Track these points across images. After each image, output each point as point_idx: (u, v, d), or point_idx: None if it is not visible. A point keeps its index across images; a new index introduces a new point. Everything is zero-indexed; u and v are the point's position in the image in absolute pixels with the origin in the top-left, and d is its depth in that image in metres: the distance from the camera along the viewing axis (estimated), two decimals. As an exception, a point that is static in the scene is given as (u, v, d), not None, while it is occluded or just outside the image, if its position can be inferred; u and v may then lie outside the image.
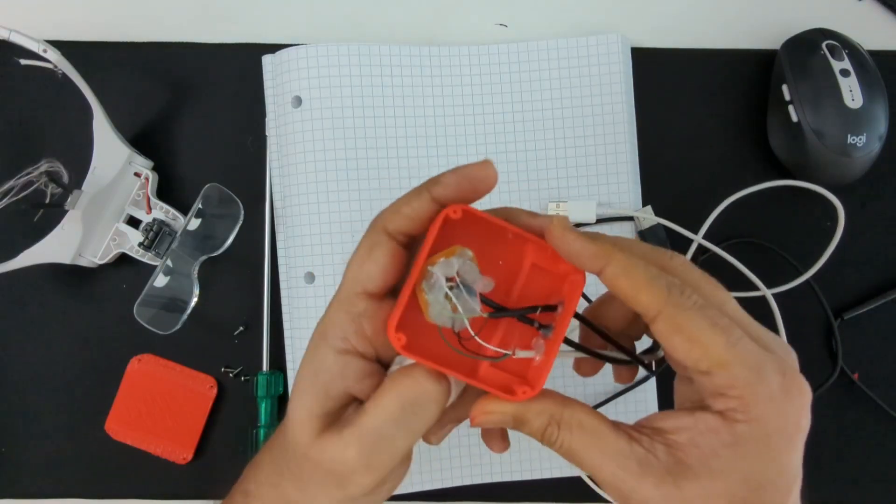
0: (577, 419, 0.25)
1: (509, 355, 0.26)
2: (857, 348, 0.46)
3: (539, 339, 0.26)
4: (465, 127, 0.46)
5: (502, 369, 0.27)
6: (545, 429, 0.25)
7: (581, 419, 0.25)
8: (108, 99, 0.45)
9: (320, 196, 0.44)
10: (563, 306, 0.26)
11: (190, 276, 0.44)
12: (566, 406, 0.25)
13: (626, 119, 0.46)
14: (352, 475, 0.26)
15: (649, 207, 0.46)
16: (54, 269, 0.45)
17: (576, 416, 0.25)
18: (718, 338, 0.23)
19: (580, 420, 0.25)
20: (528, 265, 0.27)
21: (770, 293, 0.44)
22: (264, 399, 0.45)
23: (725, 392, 0.23)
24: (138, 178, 0.46)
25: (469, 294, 0.25)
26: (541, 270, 0.27)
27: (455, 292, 0.24)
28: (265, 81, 0.47)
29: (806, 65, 0.45)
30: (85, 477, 0.46)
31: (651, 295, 0.24)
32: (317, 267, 0.44)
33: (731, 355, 0.23)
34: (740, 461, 0.23)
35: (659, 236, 0.45)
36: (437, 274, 0.24)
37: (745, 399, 0.23)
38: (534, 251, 0.27)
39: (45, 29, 0.46)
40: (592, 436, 0.25)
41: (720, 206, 0.45)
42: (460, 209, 0.25)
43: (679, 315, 0.23)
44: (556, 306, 0.26)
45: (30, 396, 0.46)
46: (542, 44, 0.47)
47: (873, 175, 0.45)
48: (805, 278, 0.45)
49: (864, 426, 0.46)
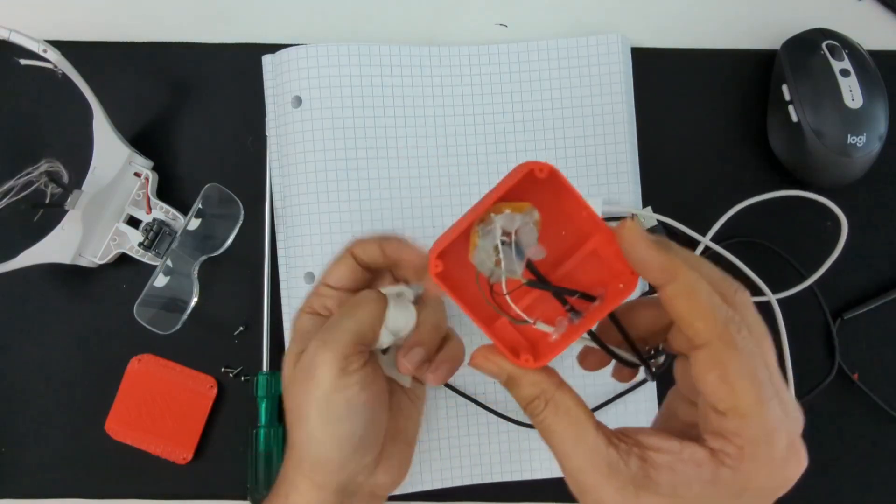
0: (566, 404, 0.26)
1: (529, 323, 0.26)
2: (856, 348, 0.46)
3: (564, 320, 0.26)
4: (465, 127, 0.46)
5: (518, 329, 0.27)
6: (533, 399, 0.26)
7: (570, 405, 0.26)
8: (108, 99, 0.45)
9: (320, 196, 0.44)
10: (601, 301, 0.26)
11: (190, 276, 0.44)
12: (560, 388, 0.26)
13: (626, 119, 0.46)
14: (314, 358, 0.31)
15: (649, 208, 0.46)
16: (54, 269, 0.45)
17: (566, 401, 0.26)
18: (752, 390, 0.23)
19: (568, 406, 0.26)
20: (588, 249, 0.27)
21: (775, 298, 0.43)
22: (264, 399, 0.45)
23: (728, 437, 0.24)
24: (138, 178, 0.46)
25: (518, 255, 0.24)
26: (597, 259, 0.26)
27: (505, 248, 0.24)
28: (265, 81, 0.47)
29: (806, 65, 0.45)
30: (85, 477, 0.46)
31: (707, 324, 0.23)
32: (317, 267, 0.44)
33: (755, 411, 0.23)
34: (710, 499, 0.24)
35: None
36: (496, 224, 0.24)
37: (744, 451, 0.23)
38: (600, 240, 0.26)
39: (45, 29, 0.46)
40: (574, 424, 0.25)
41: (729, 212, 0.45)
42: (547, 169, 0.24)
43: (725, 353, 0.23)
44: (594, 298, 0.26)
45: (30, 396, 0.46)
46: (542, 44, 0.47)
47: (873, 175, 0.45)
48: (808, 283, 0.45)
49: (863, 426, 0.46)
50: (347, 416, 0.31)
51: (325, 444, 0.31)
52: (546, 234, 0.26)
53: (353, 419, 0.31)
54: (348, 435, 0.31)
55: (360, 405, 0.31)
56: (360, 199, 0.45)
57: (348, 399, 0.30)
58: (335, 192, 0.45)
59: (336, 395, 0.30)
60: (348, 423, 0.31)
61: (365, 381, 0.31)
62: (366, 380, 0.31)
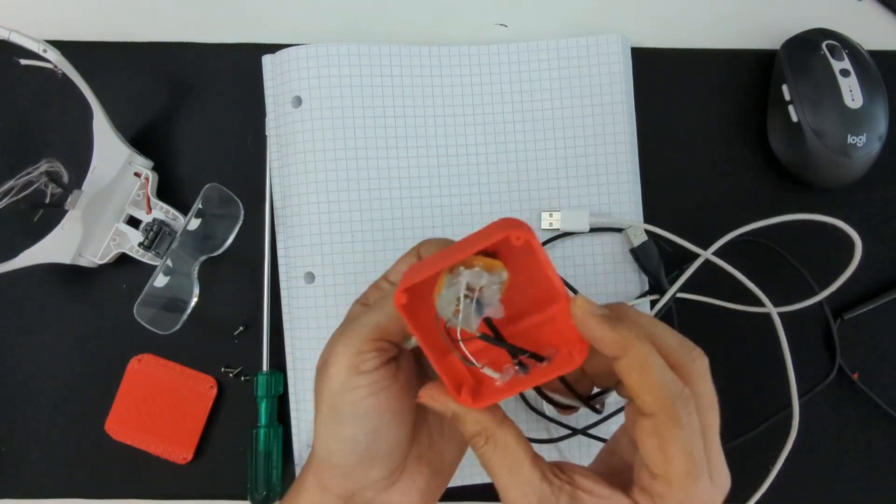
0: (505, 441, 0.27)
1: (477, 367, 0.27)
2: (856, 348, 0.46)
3: (511, 369, 0.27)
4: (465, 127, 0.46)
5: (468, 368, 0.28)
6: (475, 435, 0.28)
7: (509, 442, 0.27)
8: (108, 99, 0.45)
9: (320, 196, 0.44)
10: (549, 363, 0.27)
11: (190, 276, 0.44)
12: (500, 426, 0.27)
13: (626, 119, 0.46)
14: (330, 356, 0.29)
15: (640, 222, 0.45)
16: (54, 269, 0.45)
17: (504, 438, 0.27)
18: (685, 464, 0.25)
19: (507, 443, 0.27)
20: (549, 313, 0.27)
21: (776, 311, 0.43)
22: (264, 399, 0.45)
23: (655, 498, 0.25)
24: (138, 178, 0.46)
25: (476, 311, 0.25)
26: (556, 323, 0.27)
27: (466, 302, 0.25)
28: (265, 81, 0.47)
29: (806, 65, 0.45)
30: (85, 477, 0.46)
31: (655, 399, 0.25)
32: (317, 267, 0.44)
33: (683, 483, 0.25)
34: None
35: (651, 254, 0.44)
36: (463, 279, 0.25)
37: None
38: (561, 307, 0.27)
39: (45, 29, 0.46)
40: (511, 460, 0.27)
41: (731, 234, 0.44)
42: (523, 238, 0.25)
43: (667, 426, 0.25)
44: (543, 359, 0.27)
45: (30, 396, 0.46)
46: (542, 44, 0.47)
47: (873, 175, 0.45)
48: (819, 298, 0.44)
49: (863, 426, 0.46)
50: (350, 421, 0.29)
51: (328, 447, 0.30)
52: (514, 288, 0.26)
53: (355, 425, 0.29)
54: (350, 441, 0.29)
55: (366, 411, 0.28)
56: (360, 199, 0.45)
57: (353, 402, 0.28)
58: (335, 192, 0.45)
59: (342, 396, 0.28)
60: (350, 428, 0.29)
61: (377, 385, 0.28)
62: (378, 384, 0.28)
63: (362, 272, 0.44)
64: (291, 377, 0.45)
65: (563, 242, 0.46)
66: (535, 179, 0.46)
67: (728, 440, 0.44)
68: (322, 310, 0.44)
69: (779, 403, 0.44)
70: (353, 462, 0.29)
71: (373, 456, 0.29)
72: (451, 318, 0.25)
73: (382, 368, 0.29)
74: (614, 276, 0.46)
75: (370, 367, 0.28)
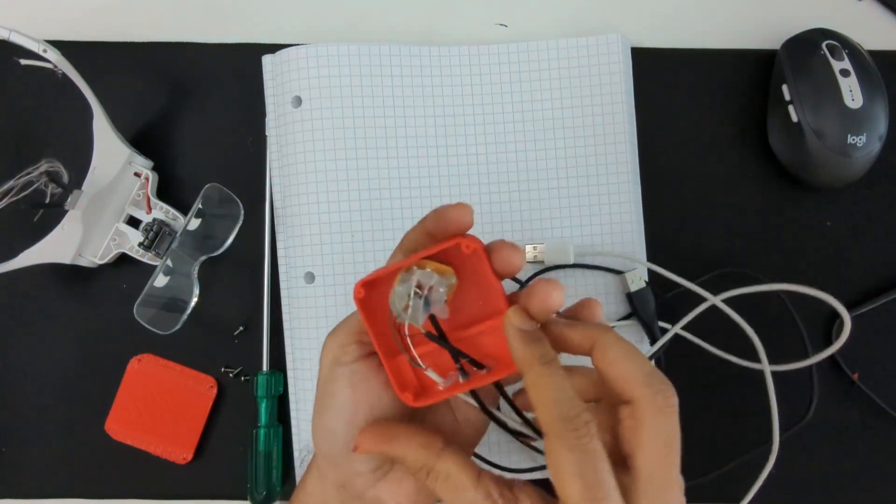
0: (446, 471, 0.28)
1: (421, 368, 0.28)
2: (856, 348, 0.46)
3: (455, 375, 0.28)
4: (464, 127, 0.46)
5: (414, 371, 0.30)
6: (417, 472, 0.28)
7: (450, 471, 0.28)
8: (108, 99, 0.45)
9: (320, 196, 0.45)
10: (488, 371, 0.28)
11: (190, 276, 0.44)
12: (440, 458, 0.28)
13: (626, 119, 0.46)
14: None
15: (642, 266, 0.44)
16: (54, 269, 0.45)
17: (445, 468, 0.28)
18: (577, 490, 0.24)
19: (448, 472, 0.28)
20: (496, 323, 0.28)
21: (770, 370, 0.42)
22: (264, 399, 0.45)
23: None
24: (138, 178, 0.46)
25: (424, 308, 0.27)
26: (500, 334, 0.28)
27: (415, 298, 0.27)
28: (265, 81, 0.47)
29: (806, 65, 0.45)
30: (85, 477, 0.46)
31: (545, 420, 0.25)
32: (317, 267, 0.44)
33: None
34: None
35: (647, 301, 0.44)
36: (415, 276, 0.27)
37: None
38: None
39: (45, 29, 0.46)
40: (454, 486, 0.28)
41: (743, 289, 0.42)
42: (473, 246, 0.27)
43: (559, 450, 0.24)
44: (484, 367, 0.28)
45: (30, 396, 0.46)
46: (542, 44, 0.47)
47: (873, 175, 0.45)
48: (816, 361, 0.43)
49: (863, 426, 0.46)
50: (330, 412, 0.30)
51: (316, 436, 0.31)
52: (464, 296, 0.29)
53: (334, 415, 0.30)
54: (330, 431, 0.30)
55: (343, 402, 0.30)
56: (361, 198, 0.45)
57: (333, 393, 0.30)
58: (335, 192, 0.45)
59: (326, 387, 0.30)
60: (330, 419, 0.30)
61: (355, 376, 0.30)
62: (357, 375, 0.30)
63: (362, 272, 0.44)
64: (291, 377, 0.45)
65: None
66: (534, 179, 0.46)
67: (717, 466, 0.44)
68: (322, 310, 0.44)
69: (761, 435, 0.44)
70: (335, 452, 0.30)
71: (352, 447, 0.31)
72: (400, 314, 0.27)
73: (362, 361, 0.30)
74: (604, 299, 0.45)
75: (350, 359, 0.30)
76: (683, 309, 0.43)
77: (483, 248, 0.27)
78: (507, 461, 0.44)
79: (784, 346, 0.44)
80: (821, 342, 0.46)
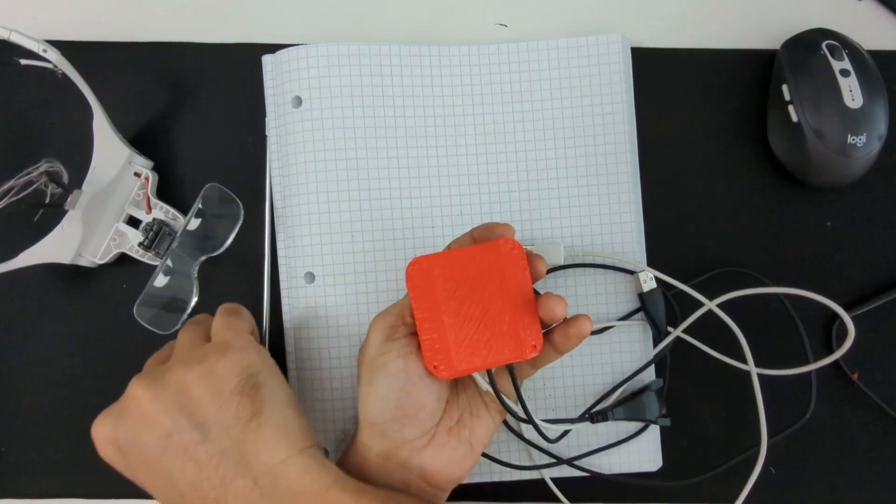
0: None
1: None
2: (856, 348, 0.46)
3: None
4: (464, 127, 0.46)
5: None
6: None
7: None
8: (108, 99, 0.45)
9: (320, 196, 0.45)
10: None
11: (190, 276, 0.44)
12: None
13: (626, 119, 0.46)
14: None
15: (649, 270, 0.44)
16: (54, 269, 0.45)
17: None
18: None
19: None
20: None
21: (756, 371, 0.42)
22: (264, 399, 0.45)
23: None
24: (138, 178, 0.46)
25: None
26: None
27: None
28: (265, 81, 0.47)
29: (806, 65, 0.45)
30: (85, 477, 0.46)
31: None
32: (317, 267, 0.44)
33: None
34: None
35: (657, 302, 0.44)
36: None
37: None
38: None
39: (45, 29, 0.46)
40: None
41: (739, 292, 0.43)
42: (511, 244, 0.35)
43: None
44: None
45: (30, 396, 0.46)
46: (542, 44, 0.47)
47: (873, 175, 0.45)
48: (816, 367, 0.43)
49: (863, 426, 0.46)
50: (383, 379, 0.35)
51: (366, 405, 0.36)
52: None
53: (387, 383, 0.35)
54: (383, 397, 0.35)
55: (395, 371, 0.35)
56: (361, 199, 0.45)
57: (385, 363, 0.35)
58: (335, 192, 0.45)
59: (376, 360, 0.35)
60: (383, 386, 0.35)
61: (405, 349, 0.35)
62: (406, 349, 0.35)
63: (362, 272, 0.44)
64: (291, 377, 0.45)
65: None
66: (534, 179, 0.46)
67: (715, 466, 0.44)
68: (322, 310, 0.44)
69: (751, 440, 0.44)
70: (387, 419, 0.35)
71: (404, 413, 0.35)
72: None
73: (411, 336, 0.36)
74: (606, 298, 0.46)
75: (400, 335, 0.36)
76: (683, 308, 0.44)
77: (521, 248, 0.35)
78: (508, 459, 0.44)
79: (784, 347, 0.44)
80: (821, 342, 0.46)
